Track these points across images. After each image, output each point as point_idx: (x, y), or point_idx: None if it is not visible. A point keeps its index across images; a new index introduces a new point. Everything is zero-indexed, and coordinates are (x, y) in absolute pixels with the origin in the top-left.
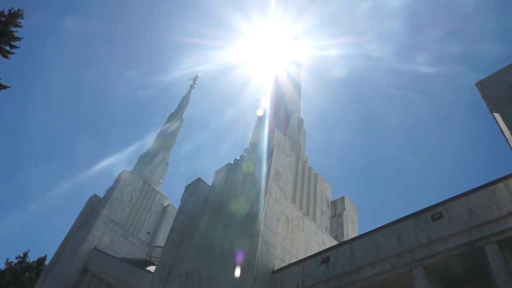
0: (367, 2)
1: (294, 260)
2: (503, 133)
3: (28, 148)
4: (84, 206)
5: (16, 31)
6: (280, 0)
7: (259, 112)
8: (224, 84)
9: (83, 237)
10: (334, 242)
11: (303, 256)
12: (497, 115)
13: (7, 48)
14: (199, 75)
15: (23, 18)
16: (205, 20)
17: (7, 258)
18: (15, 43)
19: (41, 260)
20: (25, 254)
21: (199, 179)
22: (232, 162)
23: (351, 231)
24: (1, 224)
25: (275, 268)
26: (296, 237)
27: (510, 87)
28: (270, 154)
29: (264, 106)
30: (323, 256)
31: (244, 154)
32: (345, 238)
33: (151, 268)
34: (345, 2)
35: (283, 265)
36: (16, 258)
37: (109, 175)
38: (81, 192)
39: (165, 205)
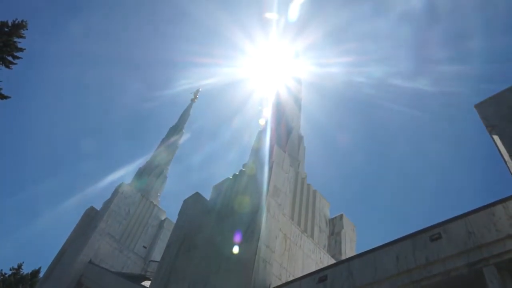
0: (368, 22)
1: (291, 278)
2: (502, 156)
3: (30, 162)
4: (81, 218)
5: (20, 42)
6: (281, 19)
7: (261, 121)
8: (228, 98)
9: (79, 249)
10: (332, 261)
11: (300, 274)
12: (496, 137)
13: (10, 58)
14: (200, 89)
15: (26, 29)
16: (209, 39)
17: (1, 270)
18: (18, 54)
19: (36, 273)
20: (19, 266)
21: (197, 194)
22: (231, 177)
23: (349, 250)
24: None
25: (272, 286)
26: (294, 254)
27: (509, 110)
28: (269, 170)
29: (266, 118)
30: (320, 275)
31: (243, 169)
32: (343, 257)
33: (146, 283)
34: (346, 21)
35: (280, 282)
36: (10, 269)
37: (110, 190)
38: (82, 205)
39: (162, 219)
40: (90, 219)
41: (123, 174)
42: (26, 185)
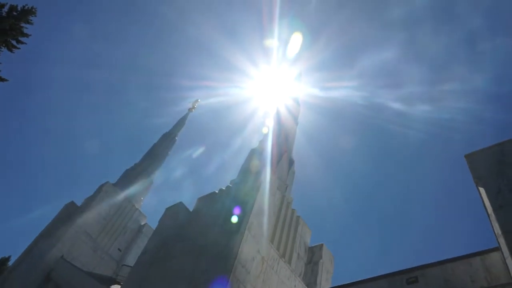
0: (369, 52)
1: None
2: (485, 208)
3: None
4: (59, 212)
5: (26, 28)
6: (281, 45)
7: (264, 129)
8: (230, 116)
9: (52, 244)
10: None
11: None
12: (481, 190)
13: (14, 42)
14: (199, 100)
15: (35, 16)
16: (215, 64)
17: None
18: (23, 39)
19: (5, 260)
20: None
21: (180, 203)
22: (216, 192)
23: (324, 281)
24: None
25: None
26: (269, 278)
27: (498, 164)
28: (256, 189)
29: (264, 137)
30: None
31: (230, 185)
32: (318, 287)
33: (116, 287)
34: (349, 46)
35: None
36: None
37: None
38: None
39: (142, 223)
40: (68, 214)
41: (111, 174)
42: (20, 177)
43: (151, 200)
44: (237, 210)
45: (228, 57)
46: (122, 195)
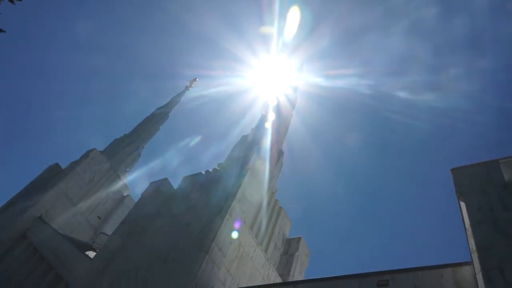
0: (376, 33)
1: (235, 286)
2: (463, 222)
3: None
4: (42, 172)
5: None
6: (281, 32)
7: (269, 134)
8: (231, 105)
9: (31, 204)
10: (279, 280)
11: (245, 285)
12: (462, 204)
13: None
14: (197, 79)
15: None
16: (215, 53)
17: None
18: None
19: None
20: None
21: (165, 179)
22: (203, 173)
23: (297, 274)
24: None
25: None
26: (243, 264)
27: (481, 183)
28: (242, 175)
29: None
30: None
31: (217, 168)
32: (290, 279)
33: (91, 254)
34: (353, 31)
35: (223, 287)
36: None
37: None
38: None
39: (125, 195)
40: (51, 175)
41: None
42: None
43: (137, 173)
44: (220, 195)
45: (228, 46)
46: (107, 164)
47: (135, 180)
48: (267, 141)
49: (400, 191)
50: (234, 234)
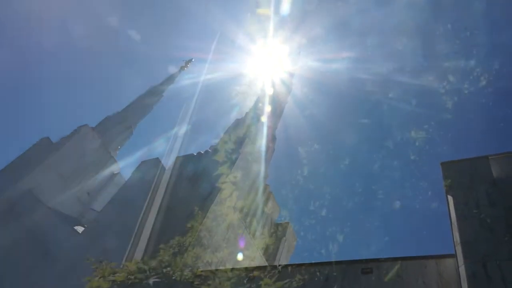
0: (371, 14)
1: (220, 266)
2: (449, 216)
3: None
4: (32, 146)
5: None
6: (277, 15)
7: (263, 119)
8: (226, 90)
9: (20, 177)
10: (264, 263)
11: (230, 266)
12: (450, 198)
13: None
14: (193, 59)
15: None
16: (210, 36)
17: None
18: None
19: None
20: None
21: (157, 159)
22: (195, 154)
23: (283, 258)
24: None
25: (200, 270)
26: (231, 245)
27: (470, 178)
28: (233, 159)
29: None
30: (249, 274)
31: (210, 150)
32: (276, 263)
33: (79, 229)
34: (349, 14)
35: (208, 268)
36: None
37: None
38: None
39: (115, 172)
40: (41, 150)
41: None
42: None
43: (128, 151)
44: (211, 177)
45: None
46: (99, 141)
47: (126, 159)
48: (260, 125)
49: (394, 180)
50: (223, 217)
